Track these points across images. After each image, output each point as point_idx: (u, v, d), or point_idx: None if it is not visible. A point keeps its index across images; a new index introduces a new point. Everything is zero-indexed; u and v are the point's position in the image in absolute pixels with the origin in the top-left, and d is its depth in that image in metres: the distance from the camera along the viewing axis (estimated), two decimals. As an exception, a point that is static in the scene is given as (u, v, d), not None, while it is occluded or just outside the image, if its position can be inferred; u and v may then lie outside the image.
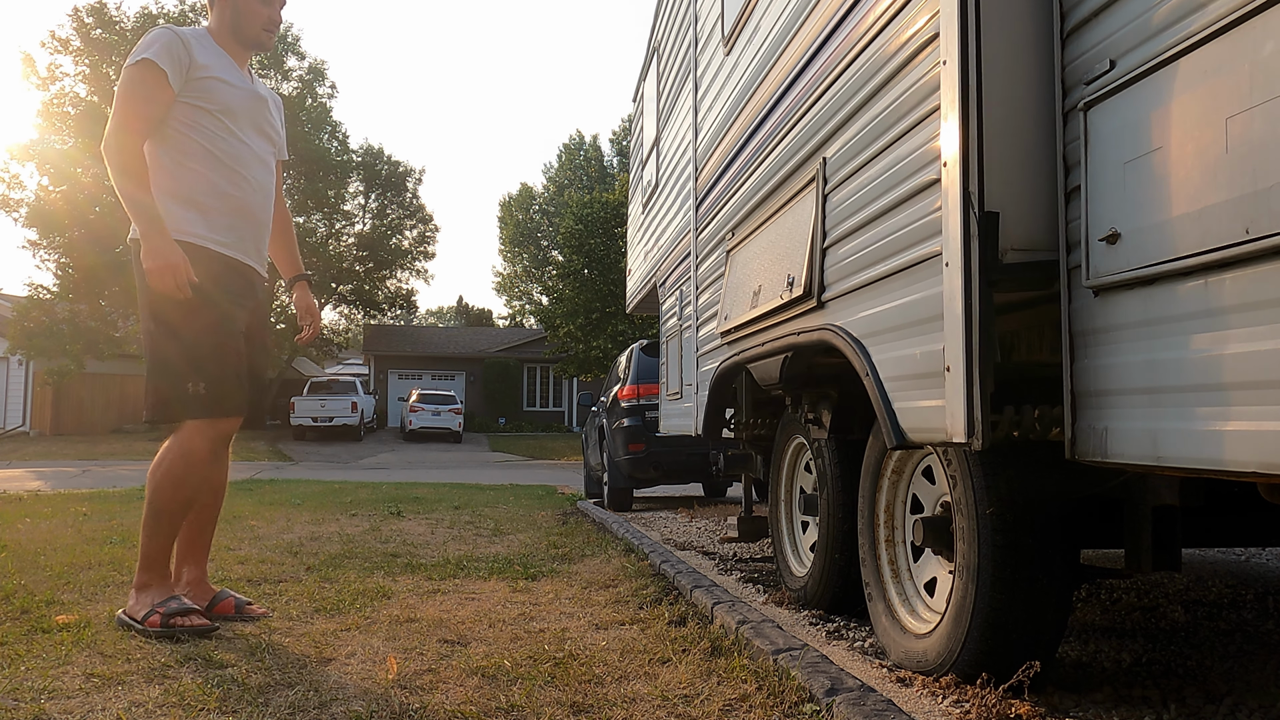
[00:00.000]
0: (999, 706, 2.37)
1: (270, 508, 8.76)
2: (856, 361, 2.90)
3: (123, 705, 2.57)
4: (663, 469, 9.09)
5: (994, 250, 2.21)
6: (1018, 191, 2.27)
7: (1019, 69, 2.29)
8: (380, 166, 39.35)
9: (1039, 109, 2.29)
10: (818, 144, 3.34)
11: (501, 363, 39.57)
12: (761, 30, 4.11)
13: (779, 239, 3.78)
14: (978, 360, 2.21)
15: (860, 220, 2.91)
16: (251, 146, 3.56)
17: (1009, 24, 2.29)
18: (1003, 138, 2.26)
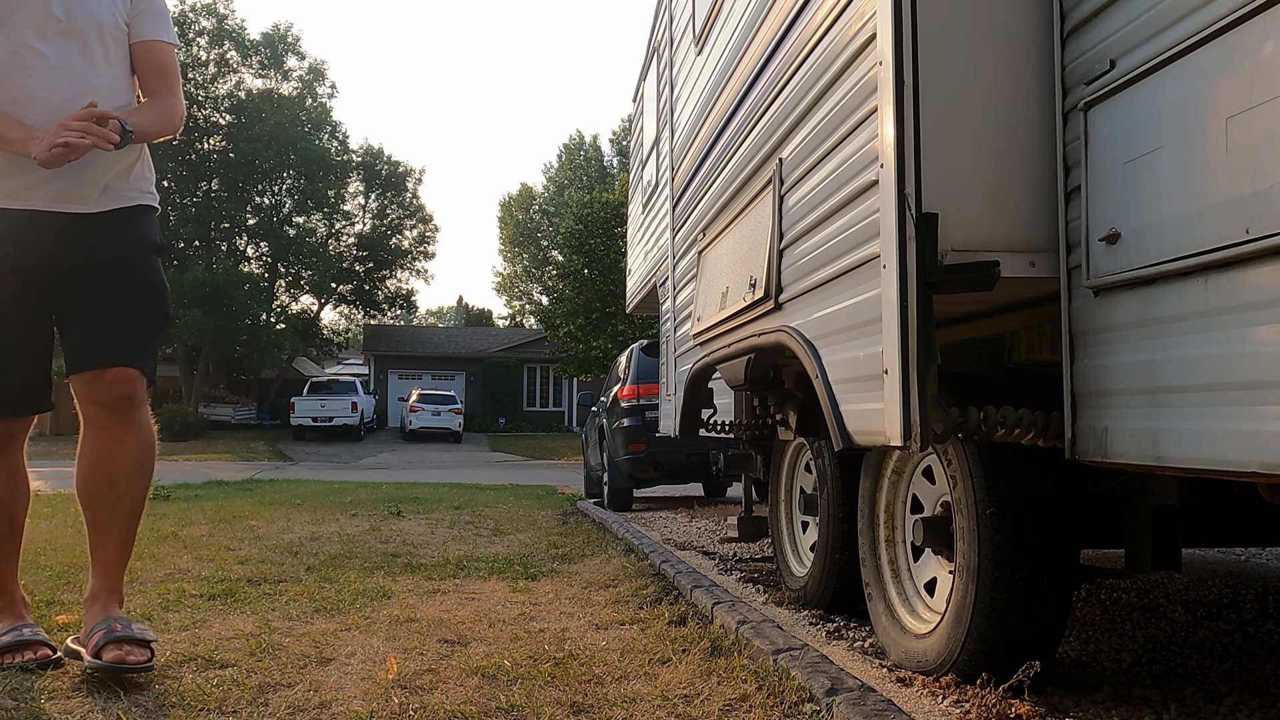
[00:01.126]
0: (999, 706, 2.37)
1: (270, 508, 8.76)
2: (808, 363, 2.89)
3: (123, 705, 2.57)
4: (663, 469, 9.10)
5: (933, 252, 2.18)
6: (961, 192, 2.24)
7: (966, 66, 2.26)
8: (380, 166, 39.37)
9: (990, 106, 2.27)
10: (775, 144, 3.31)
11: (501, 363, 39.57)
12: (728, 29, 4.09)
13: (743, 240, 3.77)
14: (914, 362, 2.19)
15: (812, 221, 2.89)
16: (20, 51, 2.69)
17: (952, 21, 2.26)
18: (946, 138, 2.23)
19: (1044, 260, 2.27)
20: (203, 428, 29.99)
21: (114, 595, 2.92)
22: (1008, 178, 2.28)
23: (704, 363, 4.56)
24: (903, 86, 2.23)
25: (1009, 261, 2.24)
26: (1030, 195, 2.28)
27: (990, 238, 2.25)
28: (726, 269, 4.03)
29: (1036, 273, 2.26)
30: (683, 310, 5.31)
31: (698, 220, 4.78)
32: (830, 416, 2.69)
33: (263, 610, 3.90)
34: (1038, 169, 2.29)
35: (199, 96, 31.97)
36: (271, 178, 33.68)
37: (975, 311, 2.87)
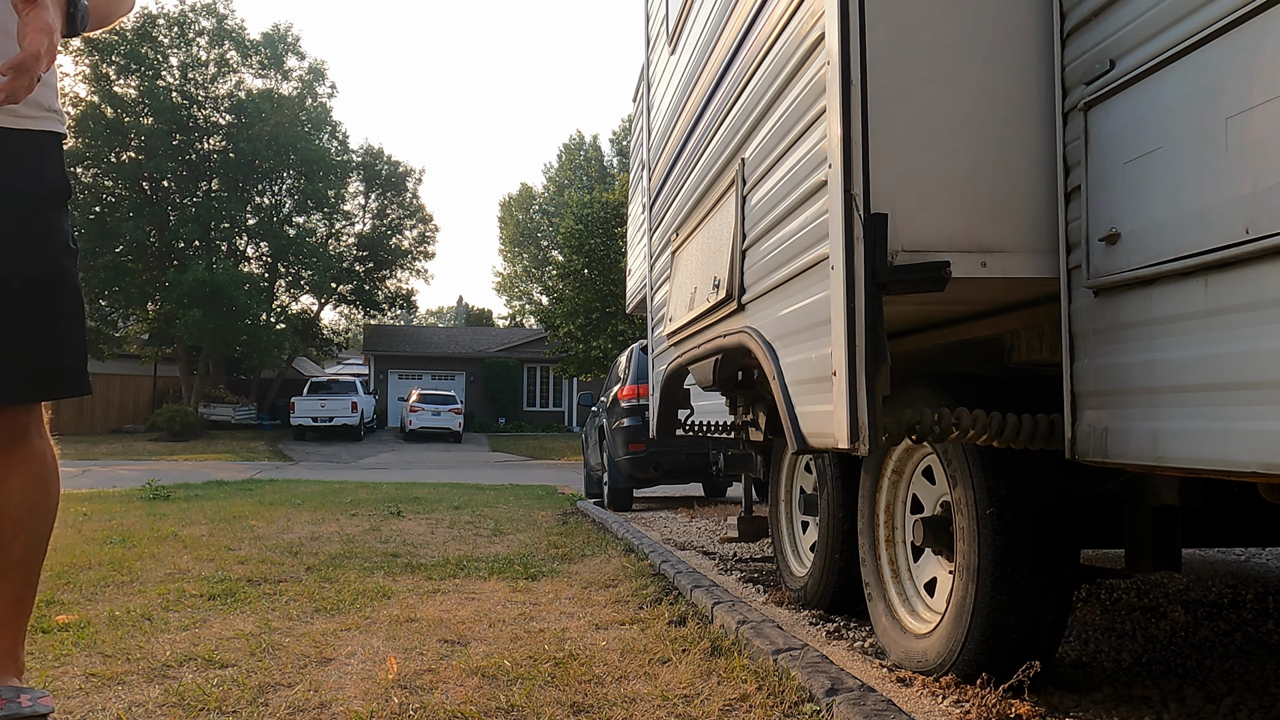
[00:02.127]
0: (999, 706, 2.37)
1: (270, 508, 8.76)
2: (766, 365, 2.86)
3: (123, 705, 2.57)
4: (663, 469, 9.09)
5: (883, 252, 2.17)
6: (912, 192, 2.22)
7: (918, 65, 2.24)
8: (380, 166, 39.37)
9: (943, 106, 2.25)
10: (739, 144, 3.29)
11: (501, 363, 39.57)
12: (698, 27, 4.05)
13: (711, 240, 3.75)
14: (861, 364, 2.17)
15: (770, 222, 2.87)
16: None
17: (903, 21, 2.24)
18: (896, 137, 2.21)
19: (996, 260, 2.24)
20: (203, 428, 29.99)
21: (7, 662, 2.28)
22: (960, 177, 2.25)
23: (677, 363, 4.54)
24: (849, 86, 2.20)
25: (960, 262, 2.21)
26: (984, 195, 2.25)
27: (941, 238, 2.22)
28: (696, 269, 4.00)
29: (988, 273, 2.23)
30: (659, 310, 5.29)
31: (671, 220, 4.74)
32: (786, 418, 2.67)
33: (263, 610, 3.90)
34: (993, 169, 2.26)
35: (199, 96, 31.98)
36: (271, 178, 33.68)
37: (975, 311, 2.87)
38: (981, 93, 2.27)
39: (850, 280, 2.20)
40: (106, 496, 10.15)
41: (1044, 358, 2.51)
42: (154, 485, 10.47)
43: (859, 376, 2.18)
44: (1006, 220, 2.26)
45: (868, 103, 2.20)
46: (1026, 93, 2.28)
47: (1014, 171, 2.27)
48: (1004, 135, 2.27)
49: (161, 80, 30.97)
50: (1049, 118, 2.27)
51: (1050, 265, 2.26)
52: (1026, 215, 2.27)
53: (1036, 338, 2.59)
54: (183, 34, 31.95)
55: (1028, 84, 2.28)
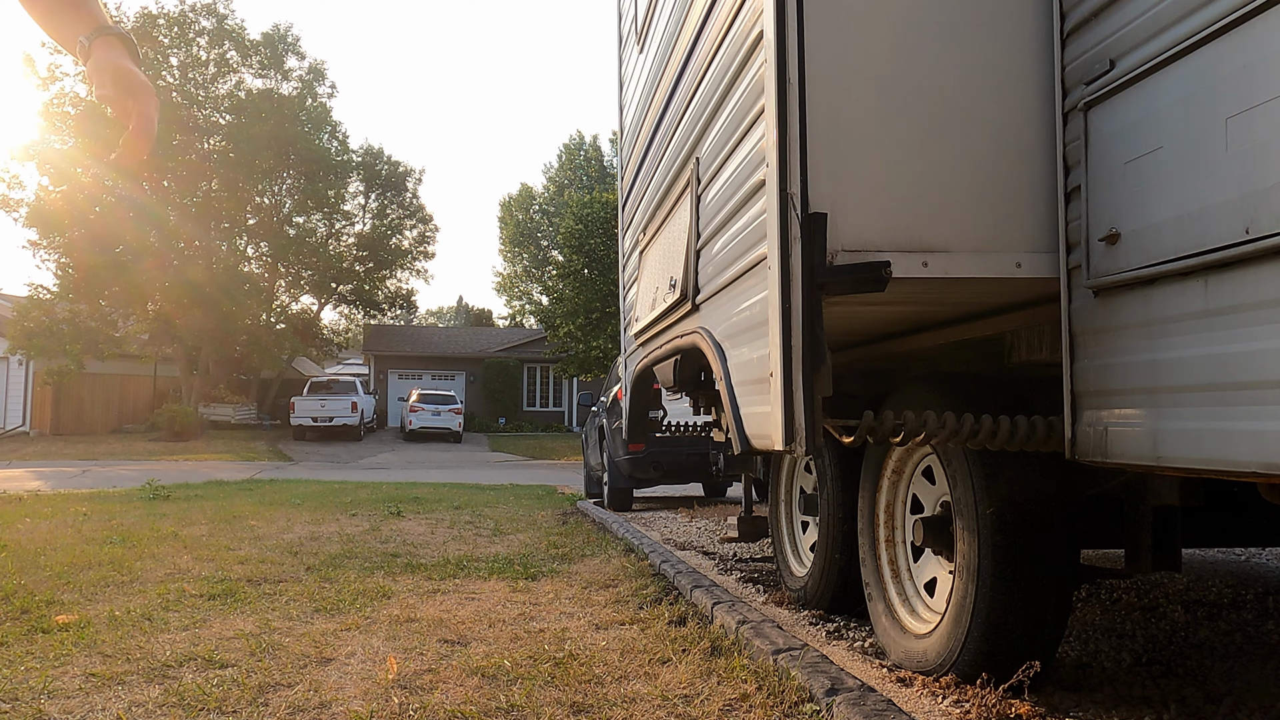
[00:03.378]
0: (999, 706, 2.37)
1: (270, 508, 8.76)
2: (715, 366, 2.85)
3: (123, 705, 2.57)
4: (663, 469, 9.08)
5: (822, 252, 2.14)
6: (854, 191, 2.20)
7: (861, 63, 2.22)
8: (380, 166, 39.36)
9: (887, 104, 2.23)
10: (694, 142, 3.26)
11: (501, 363, 39.56)
12: (661, 23, 4.01)
13: (671, 240, 3.73)
14: (798, 365, 2.15)
15: (720, 222, 2.85)
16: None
17: (845, 20, 2.22)
18: (837, 136, 2.20)
19: (937, 260, 2.22)
20: (203, 428, 29.98)
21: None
22: (903, 177, 2.24)
23: (643, 364, 4.51)
24: (785, 84, 2.19)
25: (901, 262, 2.20)
26: (927, 195, 2.24)
27: (883, 237, 2.21)
28: (658, 269, 3.98)
29: (929, 273, 2.22)
30: (629, 311, 5.27)
31: (639, 220, 4.70)
32: (731, 419, 2.65)
33: (263, 610, 3.90)
34: (937, 168, 2.24)
35: (199, 96, 31.96)
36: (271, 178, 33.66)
37: (975, 311, 2.87)
38: (930, 94, 2.25)
39: (785, 280, 2.17)
40: (106, 496, 10.15)
41: (1044, 358, 2.51)
42: (154, 485, 10.46)
43: (795, 377, 2.16)
44: (949, 220, 2.24)
45: (806, 102, 2.18)
46: (980, 95, 2.26)
47: (959, 171, 2.25)
48: (949, 135, 2.25)
49: (162, 80, 30.96)
50: (1000, 119, 2.25)
51: (997, 264, 2.24)
52: (971, 215, 2.25)
53: (1036, 338, 2.59)
54: (183, 34, 31.92)
55: (983, 86, 2.26)
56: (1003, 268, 2.24)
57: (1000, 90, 2.28)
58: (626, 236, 5.42)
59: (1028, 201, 2.27)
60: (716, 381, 2.80)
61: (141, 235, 29.36)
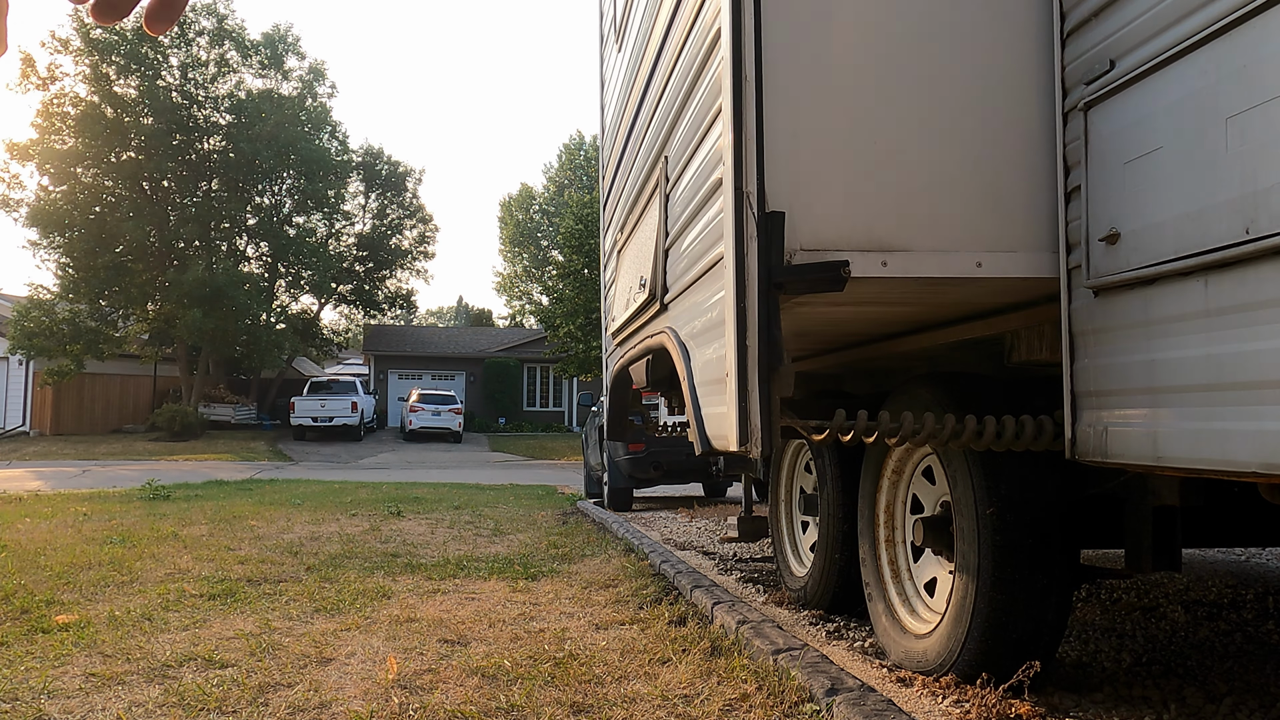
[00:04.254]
0: (999, 706, 2.37)
1: (270, 508, 8.76)
2: (680, 366, 2.83)
3: (123, 705, 2.57)
4: (663, 469, 9.08)
5: (779, 251, 2.13)
6: (812, 190, 2.18)
7: (820, 62, 2.21)
8: (380, 166, 39.36)
9: (846, 103, 2.22)
10: (663, 141, 3.24)
11: (501, 363, 39.55)
12: (635, 20, 3.98)
13: (643, 239, 3.72)
14: (754, 365, 2.14)
15: (684, 221, 2.83)
16: None
17: (804, 18, 2.21)
18: (796, 134, 2.18)
19: (896, 260, 2.21)
20: (203, 428, 29.97)
21: None
22: (863, 176, 2.23)
23: (620, 364, 4.51)
24: (742, 81, 2.17)
25: (860, 261, 2.19)
26: (888, 193, 2.23)
27: (842, 237, 2.19)
28: (632, 269, 3.97)
29: (888, 272, 2.21)
30: (609, 311, 5.27)
31: (618, 220, 4.67)
32: (693, 419, 2.63)
33: (263, 610, 3.90)
34: (899, 167, 2.23)
35: (199, 96, 31.97)
36: (271, 178, 33.66)
37: (975, 311, 2.87)
38: (891, 95, 2.24)
39: (741, 279, 2.15)
40: (106, 496, 10.15)
41: (1044, 358, 2.51)
42: (154, 485, 10.46)
43: (750, 377, 2.14)
44: (909, 219, 2.23)
45: (763, 100, 2.16)
46: (946, 97, 2.25)
47: (919, 171, 2.24)
48: (910, 136, 2.24)
49: (161, 80, 30.94)
50: (964, 120, 2.24)
51: (957, 264, 2.23)
52: (930, 214, 2.24)
53: (1036, 338, 2.59)
54: (183, 34, 31.91)
55: (951, 89, 2.25)
56: (963, 267, 2.23)
57: (968, 92, 2.26)
58: (606, 236, 5.41)
59: (990, 201, 2.26)
60: (680, 382, 2.79)
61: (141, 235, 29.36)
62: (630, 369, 4.17)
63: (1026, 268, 2.26)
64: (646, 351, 3.60)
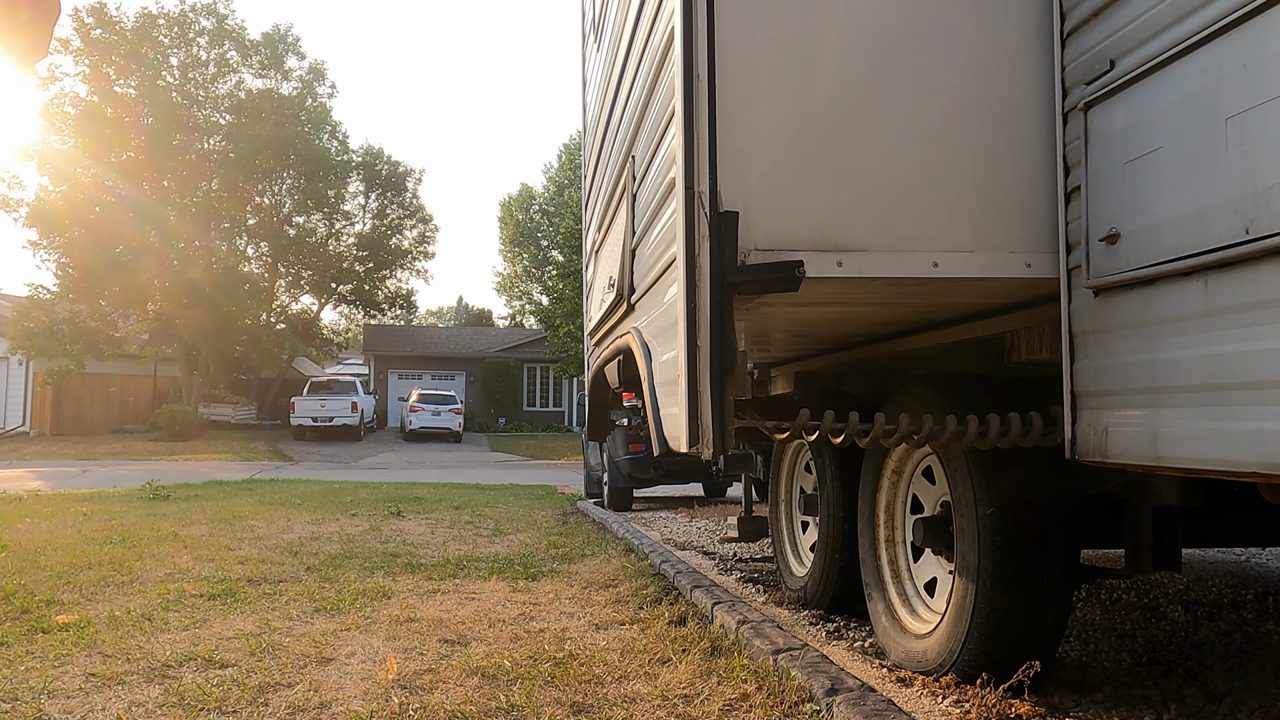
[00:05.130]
0: (999, 706, 2.37)
1: (270, 508, 8.76)
2: (641, 366, 2.82)
3: (123, 705, 2.57)
4: (663, 469, 9.07)
5: (733, 251, 2.12)
6: (767, 190, 2.18)
7: (775, 62, 2.20)
8: (380, 167, 39.35)
9: (802, 103, 2.21)
10: (630, 141, 3.23)
11: (501, 363, 39.54)
12: (610, 21, 3.97)
13: (615, 239, 3.72)
14: (704, 366, 2.13)
15: (647, 220, 2.82)
16: None
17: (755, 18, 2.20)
18: (751, 134, 2.17)
19: (852, 260, 2.21)
20: (203, 428, 29.96)
21: None
22: (818, 176, 2.22)
23: (597, 365, 4.51)
24: (693, 80, 2.16)
25: (814, 261, 2.18)
26: (843, 193, 2.22)
27: (797, 237, 2.19)
28: (605, 269, 3.97)
29: (844, 272, 2.20)
30: (587, 312, 5.27)
31: (595, 220, 4.66)
32: (651, 420, 2.62)
33: (263, 610, 3.90)
34: (854, 167, 2.22)
35: (199, 96, 31.96)
36: (271, 178, 33.65)
37: (975, 312, 2.87)
38: (846, 97, 2.23)
39: (691, 279, 2.14)
40: (106, 496, 10.14)
41: (1044, 357, 2.52)
42: (154, 485, 10.46)
43: (701, 378, 2.13)
44: (864, 219, 2.22)
45: (717, 100, 2.15)
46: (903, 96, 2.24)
47: (874, 171, 2.23)
48: (864, 136, 2.23)
49: (162, 80, 30.94)
50: (919, 120, 2.24)
51: (913, 264, 2.22)
52: (885, 214, 2.23)
53: (1036, 338, 2.59)
54: (183, 34, 31.91)
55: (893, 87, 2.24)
56: (918, 267, 2.23)
57: (924, 92, 2.25)
58: (587, 237, 5.41)
59: (947, 200, 2.25)
60: (642, 382, 2.78)
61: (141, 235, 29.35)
62: (605, 370, 4.17)
63: (984, 267, 2.25)
64: (618, 352, 3.60)
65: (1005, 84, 2.28)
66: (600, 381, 4.83)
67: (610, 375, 3.92)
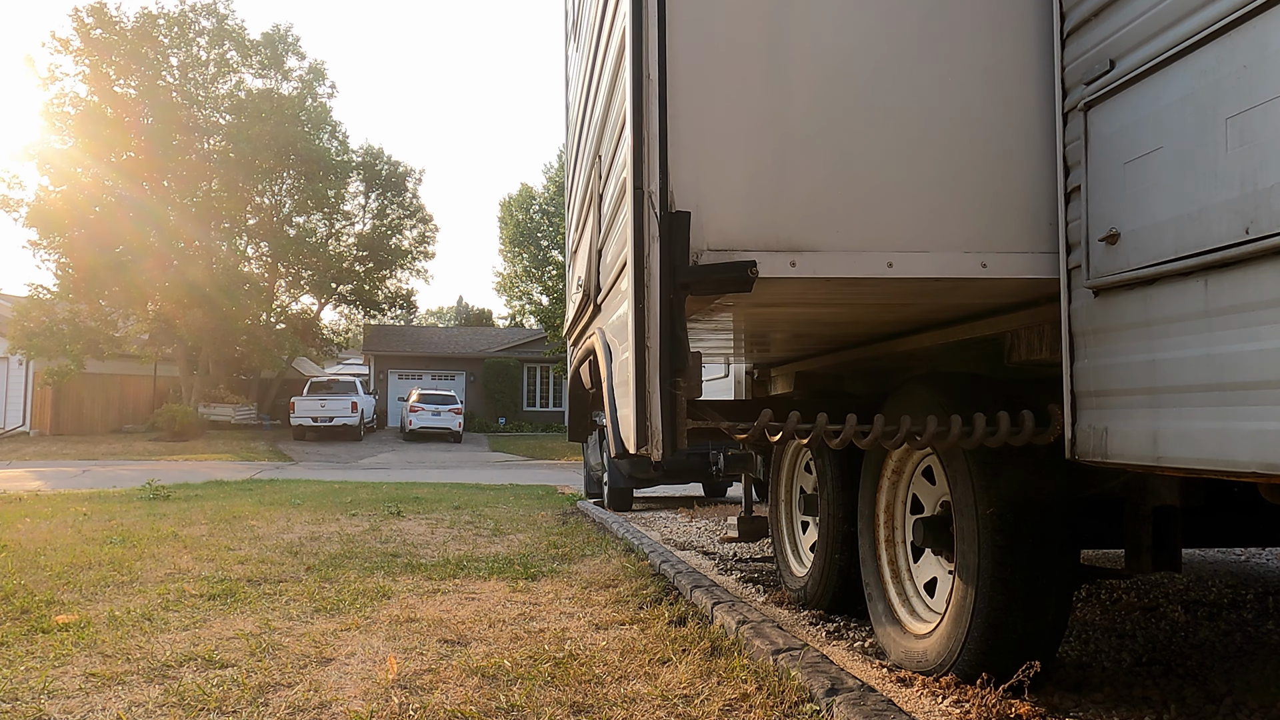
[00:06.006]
0: (999, 706, 2.37)
1: (270, 508, 8.76)
2: (603, 367, 2.81)
3: (123, 705, 2.57)
4: (663, 469, 9.07)
5: (684, 252, 2.11)
6: (720, 190, 2.17)
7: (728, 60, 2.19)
8: (380, 167, 39.35)
9: (756, 102, 2.20)
10: (598, 141, 3.23)
11: (501, 363, 39.53)
12: (585, 21, 3.96)
13: (587, 240, 3.71)
14: (653, 366, 2.12)
15: (609, 220, 2.82)
16: None
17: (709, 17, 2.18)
18: (703, 133, 2.16)
19: (806, 260, 2.20)
20: (203, 428, 29.95)
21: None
22: (772, 176, 2.21)
23: (574, 366, 4.51)
24: (642, 80, 2.15)
25: (768, 261, 2.17)
26: (797, 193, 2.21)
27: (750, 237, 2.18)
28: (579, 269, 3.98)
29: (797, 273, 2.20)
30: (567, 314, 5.29)
31: (574, 221, 4.66)
32: (609, 420, 2.61)
33: (263, 610, 3.90)
34: (808, 167, 2.22)
35: (199, 96, 31.97)
36: (271, 178, 33.65)
37: (975, 311, 2.87)
38: (801, 96, 2.22)
39: (640, 279, 2.13)
40: (106, 496, 10.14)
41: (1044, 357, 2.52)
42: (154, 485, 10.46)
43: (650, 378, 2.12)
44: (818, 219, 2.21)
45: (668, 100, 2.14)
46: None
47: (828, 171, 2.22)
48: (820, 136, 2.22)
49: (162, 80, 30.95)
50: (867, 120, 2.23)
51: (867, 264, 2.21)
52: (840, 214, 2.22)
53: (1036, 338, 2.59)
54: (183, 34, 31.91)
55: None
56: (873, 267, 2.22)
57: (876, 91, 2.24)
58: (569, 238, 5.42)
59: (903, 200, 2.24)
60: (602, 382, 2.78)
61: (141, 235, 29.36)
62: (580, 370, 4.17)
63: (939, 268, 2.24)
64: (588, 353, 3.60)
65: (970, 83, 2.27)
66: (577, 383, 4.84)
67: (584, 376, 3.92)
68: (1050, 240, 2.26)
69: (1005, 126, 2.28)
